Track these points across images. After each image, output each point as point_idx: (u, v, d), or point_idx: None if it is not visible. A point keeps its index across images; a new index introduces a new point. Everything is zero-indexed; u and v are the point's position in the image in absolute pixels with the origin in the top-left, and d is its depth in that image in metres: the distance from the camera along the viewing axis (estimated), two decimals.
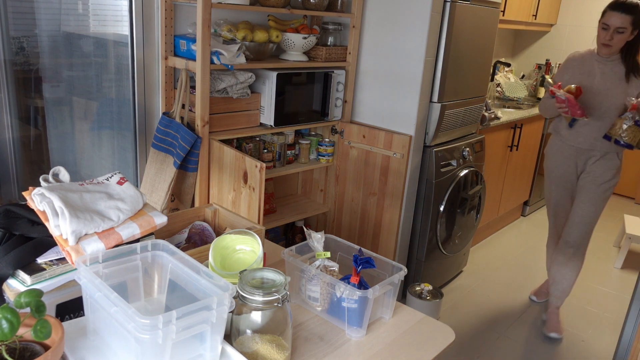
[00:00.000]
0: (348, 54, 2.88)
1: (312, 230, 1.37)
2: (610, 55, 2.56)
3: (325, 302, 1.34)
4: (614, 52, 2.54)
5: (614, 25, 2.44)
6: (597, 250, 4.11)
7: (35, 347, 0.95)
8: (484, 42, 3.08)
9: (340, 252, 1.50)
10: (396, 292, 1.35)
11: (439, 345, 1.26)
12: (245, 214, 2.34)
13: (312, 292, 1.34)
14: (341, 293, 1.26)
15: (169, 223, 1.43)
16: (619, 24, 2.44)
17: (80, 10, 2.39)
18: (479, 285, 3.45)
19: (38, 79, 2.32)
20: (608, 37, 2.48)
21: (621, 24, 2.43)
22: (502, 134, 3.79)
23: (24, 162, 2.34)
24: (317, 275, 1.31)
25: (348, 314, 1.27)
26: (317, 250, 1.35)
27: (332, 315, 1.33)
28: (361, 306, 1.25)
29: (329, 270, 1.33)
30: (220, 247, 1.34)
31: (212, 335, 1.03)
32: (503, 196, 4.15)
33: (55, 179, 1.30)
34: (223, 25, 2.44)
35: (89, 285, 1.03)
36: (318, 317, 1.34)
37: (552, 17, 4.70)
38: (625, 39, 2.48)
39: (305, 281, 1.34)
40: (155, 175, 2.40)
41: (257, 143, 2.69)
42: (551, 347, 2.85)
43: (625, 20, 2.42)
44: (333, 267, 1.34)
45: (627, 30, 2.44)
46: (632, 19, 2.42)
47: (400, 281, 1.35)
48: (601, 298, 3.42)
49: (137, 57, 2.40)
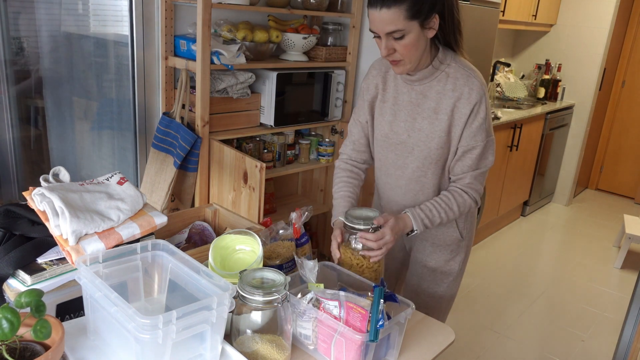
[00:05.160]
0: (348, 54, 2.88)
1: (304, 258, 1.24)
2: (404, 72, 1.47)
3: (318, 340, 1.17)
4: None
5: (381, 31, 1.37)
6: (597, 250, 4.11)
7: (35, 347, 0.95)
8: (484, 42, 3.08)
9: (341, 281, 1.33)
10: (402, 332, 1.18)
11: (439, 345, 1.26)
12: (245, 214, 2.34)
13: (304, 328, 1.16)
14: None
15: (169, 223, 1.43)
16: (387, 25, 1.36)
17: (80, 10, 2.39)
18: (479, 285, 3.45)
19: (38, 79, 2.32)
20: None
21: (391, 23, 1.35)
22: (502, 134, 3.79)
23: (24, 162, 2.34)
24: (308, 311, 1.14)
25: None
26: (310, 281, 1.21)
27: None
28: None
29: (326, 311, 1.14)
30: (220, 247, 1.34)
31: (212, 335, 1.03)
32: (503, 196, 4.15)
33: (56, 179, 1.30)
34: (223, 25, 2.45)
35: (89, 285, 1.03)
36: (310, 357, 1.18)
37: (552, 17, 4.70)
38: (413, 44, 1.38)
39: (296, 316, 1.16)
40: (156, 175, 2.40)
41: (257, 143, 2.69)
42: (551, 347, 2.85)
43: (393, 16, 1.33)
44: (330, 306, 1.13)
45: (406, 30, 1.35)
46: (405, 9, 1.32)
47: (407, 319, 1.17)
48: (601, 298, 3.42)
49: (137, 57, 2.40)
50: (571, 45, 4.77)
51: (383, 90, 1.57)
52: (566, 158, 4.97)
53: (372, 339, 1.07)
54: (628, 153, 5.39)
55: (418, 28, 1.36)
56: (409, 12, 1.32)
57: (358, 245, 1.40)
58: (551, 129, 4.54)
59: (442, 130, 1.48)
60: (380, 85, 1.58)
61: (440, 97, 1.47)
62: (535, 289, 3.46)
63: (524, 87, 4.67)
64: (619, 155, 5.45)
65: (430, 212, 1.48)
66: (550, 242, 4.30)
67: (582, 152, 4.92)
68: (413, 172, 1.55)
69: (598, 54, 4.63)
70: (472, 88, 1.44)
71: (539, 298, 3.35)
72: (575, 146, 4.89)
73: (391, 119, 1.55)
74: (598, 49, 4.62)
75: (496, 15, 3.13)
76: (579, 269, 3.80)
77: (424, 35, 1.39)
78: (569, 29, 4.77)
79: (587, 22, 4.64)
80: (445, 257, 1.65)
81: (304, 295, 1.17)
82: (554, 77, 4.78)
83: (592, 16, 4.60)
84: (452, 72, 1.46)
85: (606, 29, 4.55)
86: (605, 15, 4.53)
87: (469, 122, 1.46)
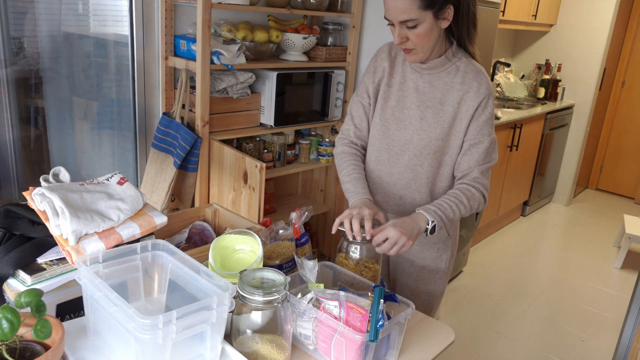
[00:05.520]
0: (348, 54, 2.88)
1: (304, 258, 1.24)
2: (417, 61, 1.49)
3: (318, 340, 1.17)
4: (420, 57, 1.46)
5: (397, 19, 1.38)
6: (597, 250, 4.11)
7: (35, 347, 0.95)
8: (484, 42, 3.08)
9: (340, 281, 1.33)
10: (402, 332, 1.18)
11: (439, 345, 1.26)
12: (245, 214, 2.34)
13: (304, 328, 1.16)
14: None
15: (169, 223, 1.43)
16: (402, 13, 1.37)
17: (80, 10, 2.39)
18: (478, 285, 3.45)
19: (38, 79, 2.32)
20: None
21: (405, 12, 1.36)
22: (502, 134, 3.79)
23: (24, 162, 2.34)
24: (308, 311, 1.14)
25: None
26: (310, 281, 1.21)
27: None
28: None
29: (326, 311, 1.14)
30: (220, 247, 1.34)
31: (212, 335, 1.03)
32: (503, 196, 4.15)
33: (56, 179, 1.30)
34: (223, 25, 2.45)
35: (89, 285, 1.03)
36: (310, 357, 1.18)
37: (551, 17, 4.70)
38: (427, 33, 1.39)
39: (296, 316, 1.17)
40: (156, 175, 2.40)
41: (257, 143, 2.69)
42: (551, 347, 2.85)
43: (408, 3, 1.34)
44: (330, 306, 1.13)
45: (419, 19, 1.36)
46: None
47: (407, 319, 1.17)
48: (601, 298, 3.42)
49: (137, 57, 2.40)
50: (571, 45, 4.77)
51: (390, 74, 1.56)
52: (566, 158, 4.97)
53: (372, 339, 1.07)
54: (628, 153, 5.39)
55: (432, 18, 1.36)
56: (423, 2, 1.33)
57: (356, 255, 1.39)
58: (551, 129, 4.54)
59: (446, 121, 1.47)
60: (388, 70, 1.56)
61: (448, 88, 1.47)
62: (535, 289, 3.46)
63: (524, 87, 4.67)
64: (619, 155, 5.45)
65: (441, 205, 1.43)
66: (550, 242, 4.30)
67: (582, 152, 4.92)
68: (409, 159, 1.53)
69: (598, 54, 4.63)
70: (481, 83, 1.45)
71: (538, 298, 3.35)
72: (575, 146, 4.89)
73: (394, 104, 1.54)
74: (598, 49, 4.62)
75: (496, 15, 3.13)
76: (579, 269, 3.80)
77: (437, 26, 1.39)
78: (569, 29, 4.77)
79: (587, 22, 4.64)
80: (433, 255, 1.65)
81: (304, 295, 1.16)
82: (554, 77, 4.78)
83: (592, 16, 4.60)
84: (463, 67, 1.47)
85: (606, 29, 4.55)
86: (605, 15, 4.53)
87: (475, 115, 1.46)
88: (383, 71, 1.57)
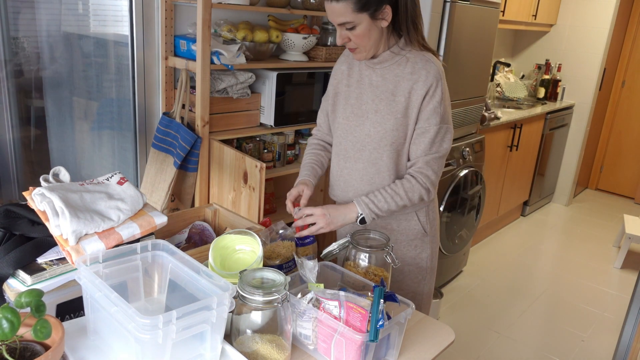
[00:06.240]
0: None
1: (305, 258, 1.25)
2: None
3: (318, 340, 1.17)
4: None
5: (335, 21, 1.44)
6: (597, 250, 4.12)
7: (35, 347, 0.95)
8: (484, 42, 3.08)
9: (340, 282, 1.33)
10: (402, 332, 1.18)
11: (439, 345, 1.26)
12: (245, 214, 2.34)
13: (304, 328, 1.16)
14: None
15: (169, 223, 1.43)
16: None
17: (80, 10, 2.39)
18: (478, 285, 3.45)
19: (38, 79, 2.32)
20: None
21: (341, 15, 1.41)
22: (502, 134, 3.79)
23: (24, 162, 2.34)
24: (308, 311, 1.14)
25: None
26: (309, 281, 1.21)
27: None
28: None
29: (326, 311, 1.14)
30: (220, 247, 1.34)
31: (212, 335, 1.03)
32: (503, 196, 4.15)
33: (56, 179, 1.30)
34: (223, 25, 2.45)
35: (89, 285, 1.03)
36: (310, 357, 1.18)
37: (551, 17, 4.70)
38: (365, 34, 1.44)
39: (296, 316, 1.17)
40: (156, 175, 2.40)
41: (257, 143, 2.69)
42: (551, 347, 2.85)
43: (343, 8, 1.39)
44: (330, 306, 1.13)
45: (355, 21, 1.41)
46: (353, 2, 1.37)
47: (407, 319, 1.17)
48: (601, 298, 3.42)
49: (137, 57, 2.40)
50: (571, 45, 4.77)
51: (348, 75, 1.62)
52: (566, 158, 4.97)
53: (372, 339, 1.07)
54: (628, 153, 5.39)
55: (368, 19, 1.40)
56: (356, 5, 1.37)
57: (364, 263, 1.40)
58: (551, 129, 4.54)
59: (399, 111, 1.50)
60: (346, 71, 1.62)
61: (399, 79, 1.50)
62: (535, 289, 3.46)
63: (524, 87, 4.67)
64: (619, 155, 5.45)
65: (375, 197, 1.50)
66: (550, 242, 4.30)
67: (582, 152, 4.92)
68: (370, 153, 1.56)
69: (598, 54, 4.63)
70: (429, 71, 1.47)
71: (539, 298, 3.35)
72: (575, 146, 4.89)
73: (354, 102, 1.58)
74: (598, 49, 4.62)
75: (496, 15, 3.13)
76: (579, 269, 3.80)
77: (376, 26, 1.43)
78: (569, 29, 4.77)
79: (587, 22, 4.64)
80: (411, 253, 1.65)
81: (304, 295, 1.16)
82: (554, 77, 4.78)
83: (592, 16, 4.60)
84: (412, 57, 1.50)
85: (606, 29, 4.55)
86: (605, 15, 4.53)
87: (424, 103, 1.48)
88: (341, 74, 1.64)
